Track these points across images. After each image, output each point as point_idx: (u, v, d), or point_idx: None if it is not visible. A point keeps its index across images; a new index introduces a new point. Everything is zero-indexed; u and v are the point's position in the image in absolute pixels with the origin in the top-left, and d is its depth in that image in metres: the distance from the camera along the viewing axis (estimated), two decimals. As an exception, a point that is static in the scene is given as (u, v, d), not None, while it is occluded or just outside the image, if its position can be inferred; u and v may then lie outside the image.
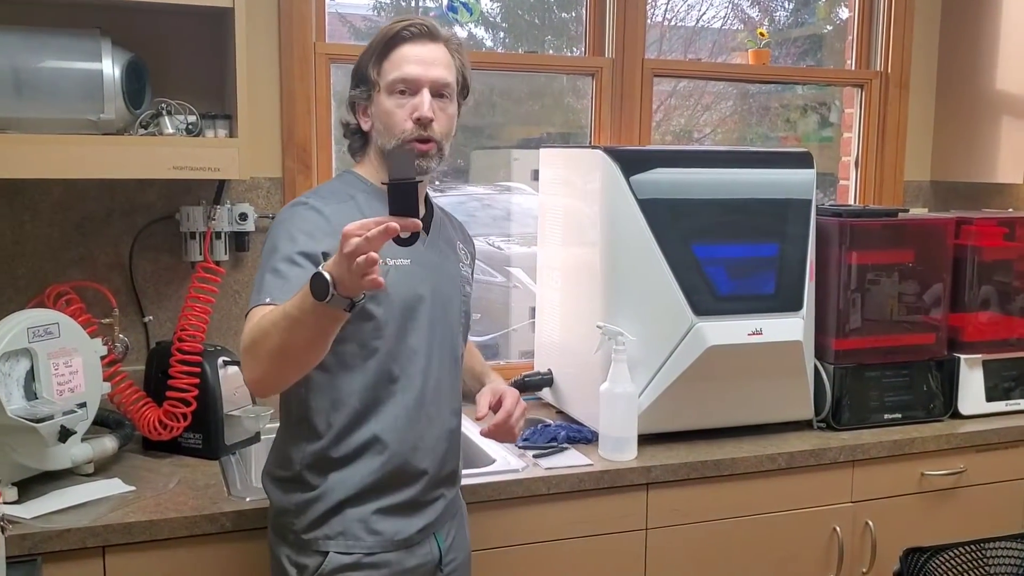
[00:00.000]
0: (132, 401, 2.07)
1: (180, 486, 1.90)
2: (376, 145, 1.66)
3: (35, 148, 1.87)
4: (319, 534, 1.61)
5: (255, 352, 1.42)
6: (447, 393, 1.71)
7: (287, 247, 1.52)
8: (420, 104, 1.59)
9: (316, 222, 1.56)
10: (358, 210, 1.60)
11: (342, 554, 1.60)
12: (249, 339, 1.43)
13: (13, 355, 1.76)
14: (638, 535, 2.08)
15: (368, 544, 1.61)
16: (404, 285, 1.61)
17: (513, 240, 3.28)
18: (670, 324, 2.13)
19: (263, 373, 1.45)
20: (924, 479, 2.34)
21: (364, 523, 1.61)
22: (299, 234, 1.54)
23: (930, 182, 3.10)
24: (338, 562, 1.59)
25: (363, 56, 1.64)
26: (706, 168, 2.20)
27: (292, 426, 1.66)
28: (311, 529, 1.61)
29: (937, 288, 2.45)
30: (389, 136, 1.61)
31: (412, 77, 1.60)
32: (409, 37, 1.60)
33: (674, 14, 3.33)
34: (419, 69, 1.60)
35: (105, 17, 2.03)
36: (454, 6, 2.51)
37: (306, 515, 1.61)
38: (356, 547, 1.60)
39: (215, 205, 2.22)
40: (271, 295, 1.47)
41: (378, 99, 1.62)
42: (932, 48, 3.06)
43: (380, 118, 1.62)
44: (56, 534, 1.67)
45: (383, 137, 1.63)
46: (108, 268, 2.23)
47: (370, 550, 1.61)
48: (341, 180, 1.72)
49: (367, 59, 1.63)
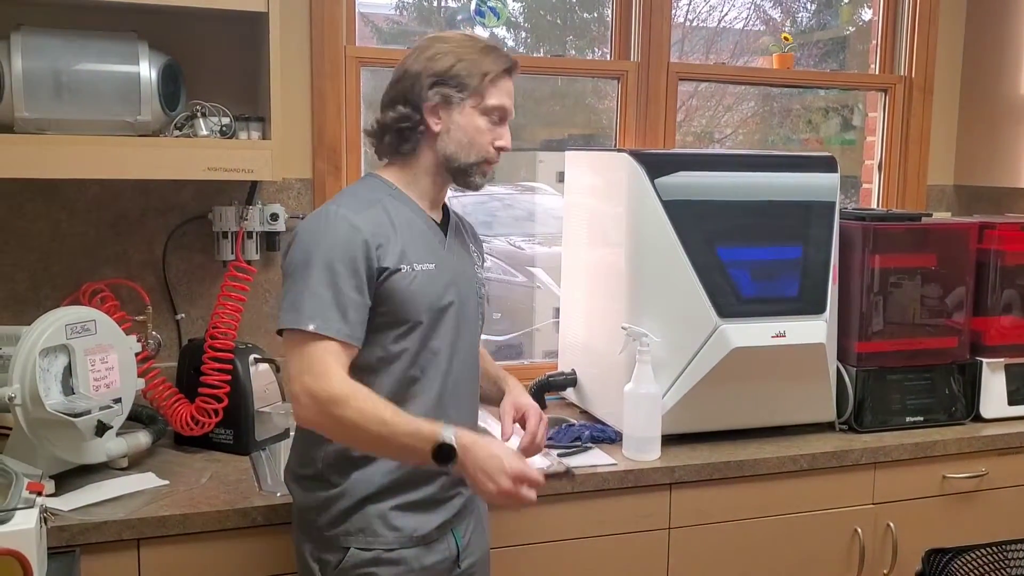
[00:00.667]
0: (165, 397, 2.11)
1: (212, 481, 1.94)
2: (444, 151, 1.66)
3: (73, 149, 1.91)
4: (340, 530, 1.64)
5: (337, 421, 1.51)
6: (465, 393, 1.75)
7: (321, 268, 1.54)
8: (505, 135, 1.70)
9: (351, 236, 1.57)
10: (386, 214, 1.63)
11: (362, 550, 1.63)
12: (336, 408, 1.50)
13: (52, 351, 1.80)
14: (661, 535, 2.10)
15: (388, 540, 1.64)
16: (430, 289, 1.64)
17: (535, 240, 3.31)
18: (694, 326, 2.15)
19: (326, 433, 1.57)
20: (946, 482, 2.35)
21: (384, 519, 1.64)
22: (337, 252, 1.55)
23: (953, 186, 3.11)
24: (359, 557, 1.63)
25: (464, 63, 1.63)
26: (731, 172, 2.22)
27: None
28: (333, 526, 1.64)
29: (960, 292, 2.46)
30: (469, 151, 1.66)
31: (507, 109, 1.69)
32: (511, 71, 1.70)
33: (696, 15, 3.35)
34: (510, 104, 1.70)
35: (142, 21, 2.07)
36: (482, 10, 2.54)
37: (328, 512, 1.64)
38: (376, 543, 1.64)
39: (247, 205, 2.26)
40: (315, 323, 1.52)
41: (469, 112, 1.65)
42: (956, 52, 3.06)
43: (466, 131, 1.65)
44: (93, 526, 1.71)
45: (462, 149, 1.66)
46: (142, 266, 2.27)
47: (389, 546, 1.64)
48: (365, 185, 1.72)
49: (473, 69, 1.64)
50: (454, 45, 1.65)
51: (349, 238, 1.56)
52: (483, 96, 1.65)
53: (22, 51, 1.90)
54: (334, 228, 1.58)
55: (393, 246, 1.60)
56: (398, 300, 1.60)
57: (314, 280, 1.54)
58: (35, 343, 1.77)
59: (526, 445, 1.76)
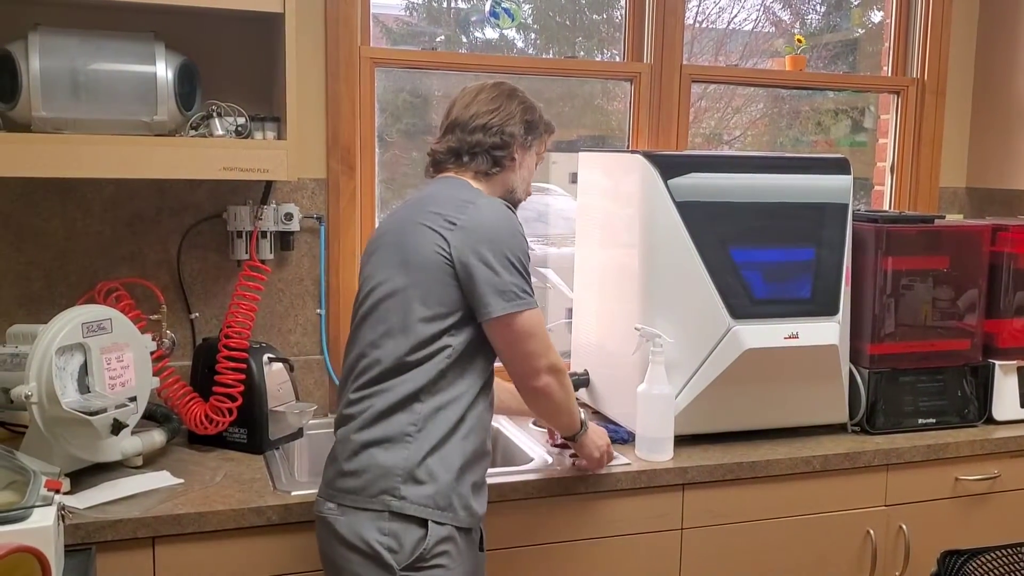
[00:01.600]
0: (179, 396, 2.12)
1: (226, 480, 1.95)
2: (512, 183, 1.89)
3: (90, 148, 1.92)
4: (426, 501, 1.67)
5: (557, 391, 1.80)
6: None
7: (526, 255, 1.77)
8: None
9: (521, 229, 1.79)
10: None
11: (440, 524, 1.67)
12: (563, 380, 1.81)
13: (68, 350, 1.81)
14: (673, 535, 2.11)
15: (460, 518, 1.69)
16: None
17: (547, 242, 3.31)
18: (707, 327, 2.16)
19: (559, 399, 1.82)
20: (958, 484, 2.35)
21: (461, 497, 1.70)
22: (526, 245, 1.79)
23: (966, 188, 3.10)
24: (438, 534, 1.66)
25: (539, 116, 1.92)
26: (744, 173, 2.22)
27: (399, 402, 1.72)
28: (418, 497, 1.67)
29: (972, 294, 2.46)
30: (526, 189, 1.93)
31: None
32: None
33: (705, 16, 3.35)
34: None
35: (159, 21, 2.08)
36: (496, 12, 2.54)
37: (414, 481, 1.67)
38: (451, 519, 1.68)
39: (262, 205, 2.26)
40: (537, 304, 1.75)
41: (532, 156, 1.93)
42: (969, 54, 3.05)
43: (529, 170, 1.93)
44: (108, 524, 1.72)
45: (522, 185, 1.92)
46: (157, 265, 2.28)
47: (460, 523, 1.69)
48: (466, 186, 1.83)
49: (543, 124, 1.93)
50: (528, 98, 1.91)
51: (521, 228, 1.79)
52: (543, 146, 1.95)
53: (39, 51, 1.91)
54: (516, 220, 1.78)
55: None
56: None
57: (523, 268, 1.75)
58: (51, 341, 1.78)
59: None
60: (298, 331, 2.40)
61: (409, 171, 2.66)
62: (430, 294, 1.70)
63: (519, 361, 1.75)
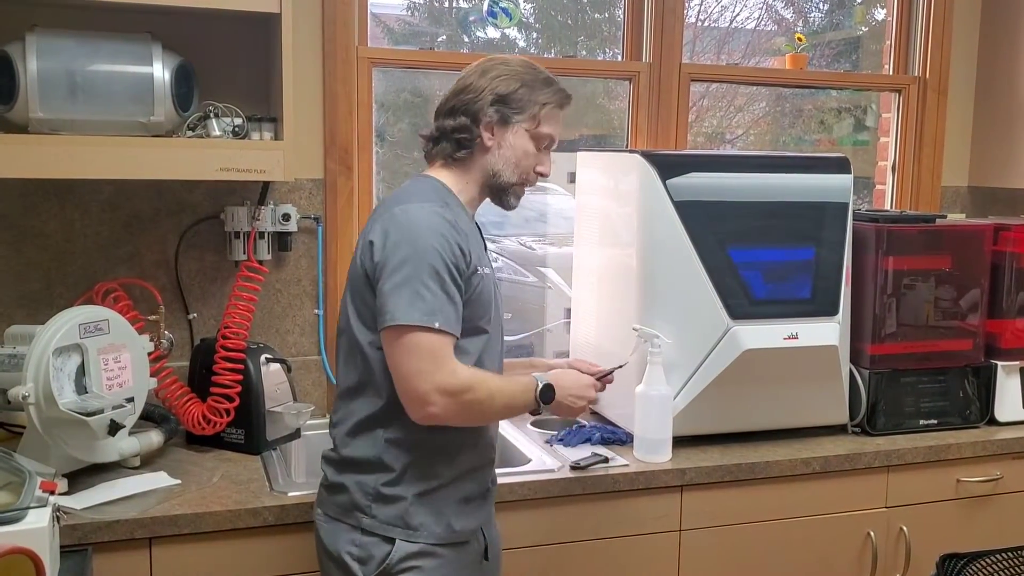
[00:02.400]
0: (177, 396, 2.12)
1: (223, 480, 1.94)
2: (491, 166, 1.73)
3: (87, 149, 1.92)
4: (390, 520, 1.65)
5: (469, 408, 1.60)
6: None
7: (432, 265, 1.58)
8: (548, 163, 1.79)
9: (450, 233, 1.62)
10: (456, 219, 1.67)
11: (409, 542, 1.65)
12: (468, 395, 1.59)
13: (65, 350, 1.81)
14: (672, 536, 2.10)
15: (437, 535, 1.67)
16: (489, 292, 1.73)
17: (546, 241, 3.30)
18: (706, 327, 2.15)
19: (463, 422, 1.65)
20: (960, 485, 2.34)
21: (438, 515, 1.68)
22: (444, 249, 1.60)
23: (968, 188, 3.09)
24: (405, 551, 1.64)
25: (526, 89, 1.72)
26: (743, 172, 2.21)
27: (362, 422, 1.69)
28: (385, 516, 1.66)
29: (974, 294, 2.44)
30: (515, 171, 1.74)
31: (555, 140, 1.78)
32: (565, 105, 1.78)
33: (707, 15, 3.34)
34: (558, 134, 1.78)
35: (155, 22, 2.07)
36: (494, 11, 2.54)
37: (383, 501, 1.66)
38: (423, 537, 1.66)
39: (259, 206, 2.26)
40: (439, 320, 1.57)
41: (522, 134, 1.73)
42: (971, 52, 3.04)
43: (514, 150, 1.73)
44: (105, 525, 1.72)
45: (507, 167, 1.73)
46: (155, 266, 2.28)
47: (439, 540, 1.67)
48: (431, 186, 1.73)
49: (534, 97, 1.72)
50: (519, 70, 1.74)
51: (449, 236, 1.61)
52: (538, 122, 1.73)
53: (37, 52, 1.91)
54: (436, 225, 1.61)
55: (470, 246, 1.66)
56: (472, 301, 1.66)
57: (427, 277, 1.57)
58: (49, 342, 1.78)
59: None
60: (296, 331, 2.40)
61: (411, 170, 2.66)
62: (364, 314, 1.65)
63: (399, 382, 1.59)
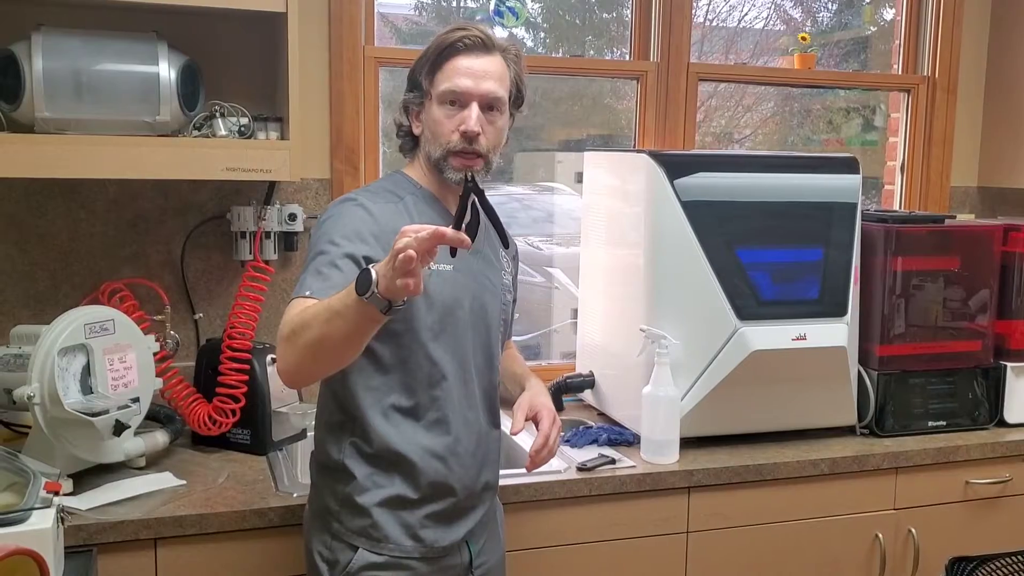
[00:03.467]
0: (183, 397, 2.12)
1: (229, 481, 1.94)
2: (424, 151, 1.67)
3: (93, 149, 1.92)
4: (356, 528, 1.63)
5: (293, 341, 1.43)
6: (483, 399, 1.72)
7: (333, 247, 1.52)
8: (468, 118, 1.59)
9: (364, 221, 1.57)
10: (406, 212, 1.63)
11: (373, 552, 1.62)
12: (288, 328, 1.44)
13: (70, 350, 1.81)
14: (679, 538, 2.09)
15: (406, 548, 1.63)
16: (444, 291, 1.62)
17: (554, 241, 3.30)
18: (713, 328, 2.14)
19: (297, 363, 1.45)
20: (969, 487, 2.32)
21: (407, 528, 1.63)
22: (346, 234, 1.54)
23: (977, 188, 3.07)
24: (367, 560, 1.62)
25: (418, 61, 1.65)
26: (750, 172, 2.20)
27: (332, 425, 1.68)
28: (350, 523, 1.64)
29: (984, 295, 2.43)
30: (436, 145, 1.62)
31: (462, 90, 1.60)
32: (463, 48, 1.60)
33: (716, 14, 3.33)
34: (470, 82, 1.59)
35: (161, 21, 2.07)
36: (500, 10, 2.53)
37: (347, 508, 1.64)
38: (389, 549, 1.62)
39: (265, 205, 2.26)
40: (311, 289, 1.48)
41: (429, 107, 1.63)
42: (981, 52, 3.02)
43: (429, 126, 1.64)
44: (110, 526, 1.72)
45: (430, 145, 1.64)
46: (161, 266, 2.28)
47: (407, 554, 1.63)
48: (391, 180, 1.73)
49: (421, 65, 1.63)
50: (428, 45, 1.62)
51: (362, 223, 1.56)
52: (433, 86, 1.60)
53: (42, 51, 1.91)
54: (349, 212, 1.57)
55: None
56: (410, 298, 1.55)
57: (321, 259, 1.52)
58: (54, 342, 1.77)
59: (539, 447, 1.73)
60: (302, 332, 2.40)
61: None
62: None
63: None
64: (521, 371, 1.92)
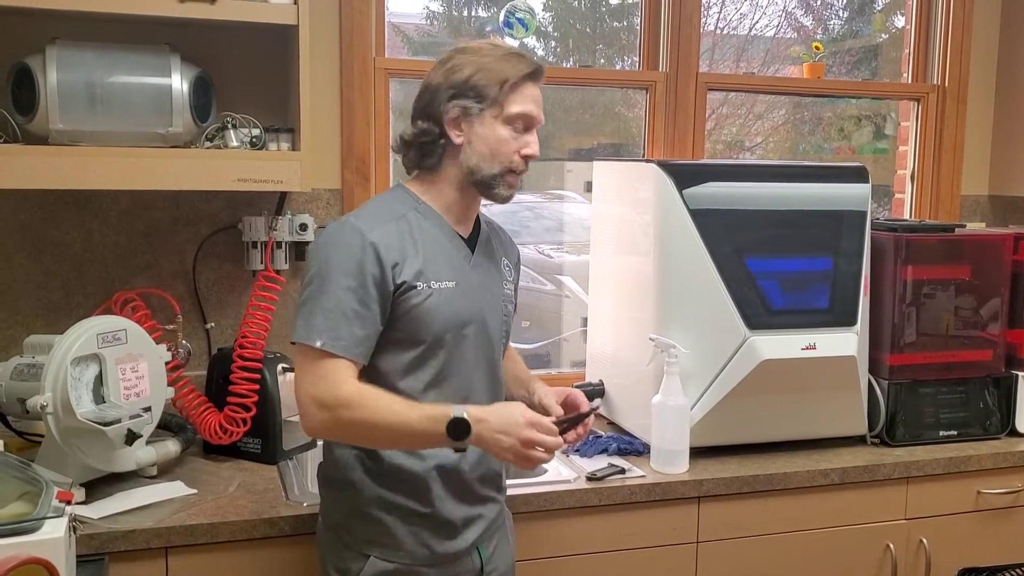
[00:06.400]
0: (194, 406, 2.13)
1: (240, 490, 1.95)
2: (467, 163, 1.64)
3: (106, 160, 1.94)
4: (364, 538, 1.65)
5: (338, 415, 1.51)
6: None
7: (334, 283, 1.54)
8: (532, 144, 1.66)
9: (365, 250, 1.56)
10: (408, 230, 1.62)
11: (384, 560, 1.64)
12: (333, 399, 1.51)
13: (83, 360, 1.82)
14: (689, 548, 2.09)
15: (417, 556, 1.64)
16: (449, 308, 1.63)
17: (564, 249, 3.30)
18: (723, 337, 2.14)
19: (333, 434, 1.57)
20: (981, 497, 2.31)
21: (415, 536, 1.65)
22: (351, 266, 1.55)
23: (988, 196, 3.06)
24: (378, 567, 1.64)
25: (482, 73, 1.61)
26: (759, 182, 2.20)
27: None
28: (358, 532, 1.66)
29: (995, 304, 2.42)
30: (494, 162, 1.63)
31: (532, 116, 1.65)
32: (534, 77, 1.65)
33: (726, 23, 3.33)
34: (537, 110, 1.66)
35: (174, 33, 2.09)
36: (510, 22, 2.54)
37: (355, 518, 1.66)
38: (400, 556, 1.64)
39: (276, 216, 2.27)
40: (322, 339, 1.52)
41: (490, 122, 1.62)
42: (991, 60, 3.02)
43: (488, 142, 1.62)
44: (122, 534, 1.73)
45: (484, 160, 1.63)
46: (172, 276, 2.30)
47: (417, 561, 1.65)
48: (393, 196, 1.71)
49: (491, 78, 1.61)
50: (473, 55, 1.63)
51: (363, 252, 1.55)
52: (503, 105, 1.62)
53: (57, 64, 1.93)
54: (348, 241, 1.57)
55: (411, 263, 1.59)
56: (414, 318, 1.59)
57: (326, 294, 1.54)
58: (67, 352, 1.79)
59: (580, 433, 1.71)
60: (313, 341, 2.41)
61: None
62: None
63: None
64: (525, 376, 1.93)
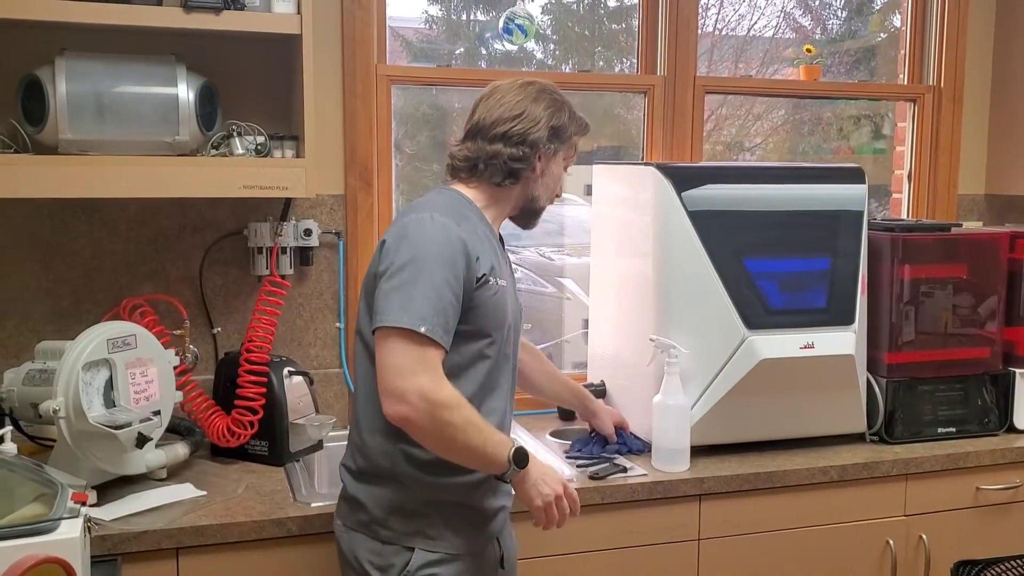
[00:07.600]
0: (202, 409, 2.16)
1: (248, 491, 1.98)
2: (532, 192, 1.80)
3: (114, 169, 1.97)
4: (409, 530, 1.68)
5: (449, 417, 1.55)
6: (511, 402, 1.83)
7: (431, 273, 1.58)
8: (563, 186, 1.89)
9: (456, 243, 1.62)
10: (474, 228, 1.69)
11: (428, 551, 1.67)
12: (455, 402, 1.56)
13: (94, 365, 1.85)
14: (690, 546, 2.11)
15: (455, 544, 1.69)
16: (505, 303, 1.73)
17: (565, 251, 3.32)
18: (722, 337, 2.17)
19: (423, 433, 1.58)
20: (979, 493, 2.34)
21: (452, 526, 1.70)
22: (445, 257, 1.60)
23: (984, 195, 3.09)
24: (425, 559, 1.67)
25: (569, 121, 1.80)
26: (757, 184, 2.23)
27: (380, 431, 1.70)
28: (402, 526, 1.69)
29: (992, 302, 2.44)
30: (550, 195, 1.84)
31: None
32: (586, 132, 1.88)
33: (725, 24, 3.35)
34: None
35: (180, 44, 2.12)
36: (509, 28, 2.57)
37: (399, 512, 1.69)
38: (441, 547, 1.68)
39: (281, 221, 2.30)
40: (426, 325, 1.55)
41: (559, 163, 1.82)
42: (986, 59, 3.04)
43: (555, 179, 1.83)
44: (134, 536, 1.76)
45: (545, 193, 1.82)
46: (180, 282, 2.33)
47: (457, 550, 1.70)
48: (450, 198, 1.75)
49: (571, 127, 1.81)
50: (558, 98, 1.80)
51: (455, 245, 1.62)
52: (572, 151, 1.84)
53: (66, 75, 1.96)
54: (442, 234, 1.62)
55: (485, 258, 1.67)
56: (486, 310, 1.67)
57: (424, 283, 1.58)
58: (78, 357, 1.82)
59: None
60: (318, 344, 2.44)
61: (430, 183, 2.69)
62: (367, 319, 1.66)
63: (380, 378, 1.58)
64: (566, 379, 2.27)
